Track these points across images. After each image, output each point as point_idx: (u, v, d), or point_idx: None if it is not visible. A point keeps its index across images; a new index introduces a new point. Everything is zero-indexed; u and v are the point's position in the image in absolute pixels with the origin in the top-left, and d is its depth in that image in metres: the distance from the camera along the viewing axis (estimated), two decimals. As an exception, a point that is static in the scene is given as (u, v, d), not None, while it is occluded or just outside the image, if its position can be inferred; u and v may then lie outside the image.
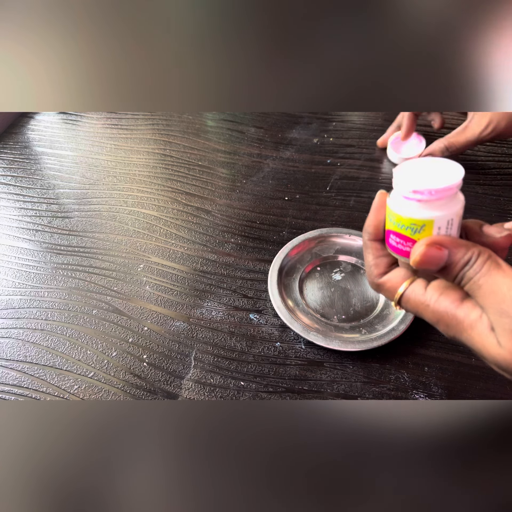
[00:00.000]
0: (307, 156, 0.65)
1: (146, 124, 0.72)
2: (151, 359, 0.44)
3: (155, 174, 0.63)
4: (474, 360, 0.42)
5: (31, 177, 0.64)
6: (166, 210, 0.58)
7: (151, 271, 0.51)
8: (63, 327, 0.46)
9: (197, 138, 0.69)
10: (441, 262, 0.24)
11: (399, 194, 0.24)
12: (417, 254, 0.24)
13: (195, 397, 0.41)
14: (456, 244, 0.24)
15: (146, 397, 0.41)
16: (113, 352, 0.44)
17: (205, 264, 0.52)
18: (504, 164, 0.62)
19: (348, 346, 0.42)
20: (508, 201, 0.57)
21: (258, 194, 0.60)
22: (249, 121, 0.72)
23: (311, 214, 0.57)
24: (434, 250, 0.23)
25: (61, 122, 0.74)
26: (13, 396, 0.41)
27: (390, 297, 0.27)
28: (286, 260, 0.50)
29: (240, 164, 0.65)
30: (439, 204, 0.24)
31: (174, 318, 0.47)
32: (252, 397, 0.41)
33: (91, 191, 0.61)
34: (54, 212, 0.58)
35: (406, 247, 0.25)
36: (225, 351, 0.44)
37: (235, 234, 0.55)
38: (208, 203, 0.59)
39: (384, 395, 0.40)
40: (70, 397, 0.41)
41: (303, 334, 0.43)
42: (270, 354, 0.43)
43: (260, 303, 0.48)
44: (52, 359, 0.44)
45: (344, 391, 0.41)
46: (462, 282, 0.24)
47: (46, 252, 0.54)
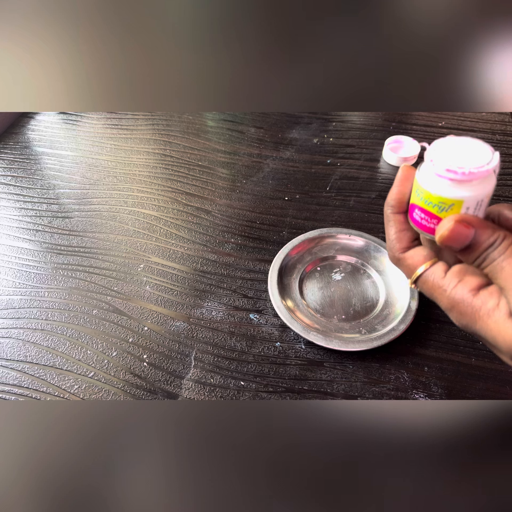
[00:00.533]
0: (307, 156, 0.65)
1: (146, 124, 0.72)
2: (151, 359, 0.44)
3: (155, 174, 0.64)
4: (474, 360, 0.42)
5: (31, 177, 0.64)
6: (166, 210, 0.58)
7: (151, 271, 0.51)
8: (63, 327, 0.46)
9: (197, 138, 0.70)
10: (467, 240, 0.23)
11: (431, 171, 0.24)
12: (445, 229, 0.24)
13: (195, 397, 0.41)
14: (483, 225, 0.24)
15: (146, 397, 0.41)
16: (113, 352, 0.44)
17: (205, 264, 0.52)
18: (504, 164, 0.62)
19: (348, 346, 0.42)
20: (508, 201, 0.57)
21: (258, 194, 0.60)
22: (249, 121, 0.72)
23: (311, 214, 0.57)
24: (461, 227, 0.23)
25: (61, 122, 0.74)
26: (14, 396, 0.41)
27: (408, 274, 0.27)
28: (286, 260, 0.50)
29: (240, 164, 0.65)
30: (471, 184, 0.23)
31: (174, 318, 0.47)
32: (252, 397, 0.41)
33: (91, 191, 0.61)
34: (54, 212, 0.59)
35: (430, 224, 0.25)
36: (225, 351, 0.44)
37: (235, 234, 0.55)
38: (208, 203, 0.59)
39: (384, 395, 0.40)
40: (70, 397, 0.41)
41: (303, 334, 0.43)
42: (270, 354, 0.43)
43: (260, 303, 0.48)
44: (52, 359, 0.44)
45: (344, 391, 0.41)
46: (483, 264, 0.23)
47: (46, 252, 0.54)
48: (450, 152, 0.24)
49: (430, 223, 0.25)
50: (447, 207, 0.24)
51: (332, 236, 0.52)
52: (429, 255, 0.27)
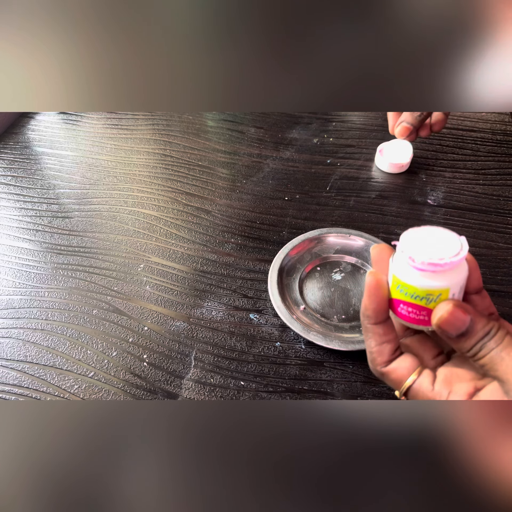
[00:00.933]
0: (307, 156, 0.65)
1: (146, 124, 0.72)
2: (151, 359, 0.44)
3: (155, 174, 0.64)
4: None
5: (31, 177, 0.64)
6: (166, 210, 0.58)
7: (151, 271, 0.51)
8: (63, 327, 0.46)
9: (197, 138, 0.70)
10: (463, 327, 0.23)
11: (411, 265, 0.24)
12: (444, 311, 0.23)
13: (195, 396, 0.41)
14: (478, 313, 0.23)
15: (146, 397, 0.41)
16: (113, 352, 0.44)
17: (205, 264, 0.52)
18: (504, 164, 0.62)
19: (348, 346, 0.42)
20: (508, 201, 0.57)
21: (258, 194, 0.60)
22: (249, 121, 0.72)
23: (311, 214, 0.57)
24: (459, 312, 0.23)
25: (61, 122, 0.74)
26: (14, 396, 0.41)
27: (395, 387, 0.27)
28: (286, 260, 0.50)
29: (240, 164, 0.65)
30: (451, 272, 0.24)
31: (174, 318, 0.47)
32: (252, 397, 0.41)
33: (91, 191, 0.61)
34: (54, 212, 0.59)
35: (420, 316, 0.26)
36: (225, 351, 0.44)
37: (235, 234, 0.55)
38: (208, 203, 0.59)
39: (384, 395, 0.40)
40: (71, 397, 0.41)
41: (303, 334, 0.43)
42: (270, 354, 0.44)
43: (260, 303, 0.48)
44: (53, 359, 0.44)
45: (344, 391, 0.41)
46: (479, 353, 0.23)
47: (46, 252, 0.54)
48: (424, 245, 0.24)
49: (419, 315, 0.26)
50: (435, 297, 0.24)
51: (332, 236, 0.52)
52: (412, 365, 0.26)
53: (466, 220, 0.55)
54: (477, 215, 0.56)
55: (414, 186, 0.60)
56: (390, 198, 0.59)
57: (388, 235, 0.54)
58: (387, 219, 0.56)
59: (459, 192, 0.59)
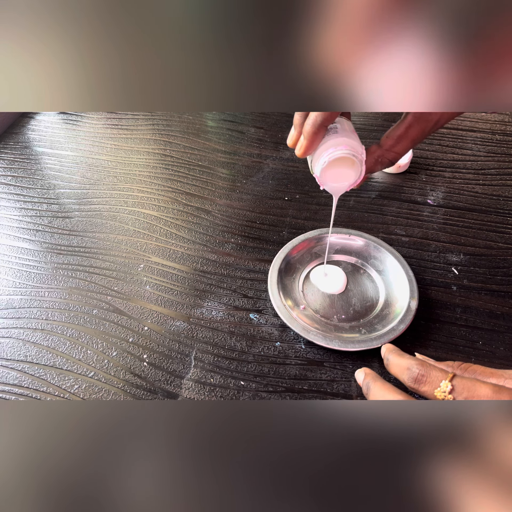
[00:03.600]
0: (307, 156, 0.65)
1: (146, 124, 0.72)
2: (151, 358, 0.44)
3: (155, 174, 0.64)
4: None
5: (31, 177, 0.64)
6: (166, 210, 0.58)
7: (151, 271, 0.51)
8: (64, 327, 0.46)
9: (197, 138, 0.70)
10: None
11: None
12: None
13: (195, 396, 0.41)
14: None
15: (146, 397, 0.41)
16: (113, 351, 0.44)
17: (205, 264, 0.52)
18: (504, 164, 0.62)
19: (348, 346, 0.42)
20: (508, 201, 0.58)
21: (258, 194, 0.60)
22: (249, 121, 0.72)
23: (311, 214, 0.57)
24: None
25: (61, 122, 0.74)
26: (14, 396, 0.41)
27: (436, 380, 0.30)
28: (286, 260, 0.50)
29: (240, 164, 0.65)
30: None
31: (174, 318, 0.47)
32: (252, 397, 0.41)
33: (92, 191, 0.61)
34: (54, 212, 0.59)
35: None
36: (225, 351, 0.44)
37: (235, 234, 0.55)
38: (208, 203, 0.59)
39: (384, 395, 0.40)
40: (71, 397, 0.41)
41: (303, 334, 0.43)
42: (270, 353, 0.44)
43: (260, 303, 0.48)
44: (53, 359, 0.44)
45: (344, 391, 0.41)
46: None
47: (46, 252, 0.54)
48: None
49: None
50: None
51: (332, 236, 0.52)
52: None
53: (466, 220, 0.56)
54: (477, 215, 0.56)
55: (414, 186, 0.60)
56: (390, 198, 0.59)
57: (388, 235, 0.54)
58: (387, 219, 0.56)
59: (459, 192, 0.59)
